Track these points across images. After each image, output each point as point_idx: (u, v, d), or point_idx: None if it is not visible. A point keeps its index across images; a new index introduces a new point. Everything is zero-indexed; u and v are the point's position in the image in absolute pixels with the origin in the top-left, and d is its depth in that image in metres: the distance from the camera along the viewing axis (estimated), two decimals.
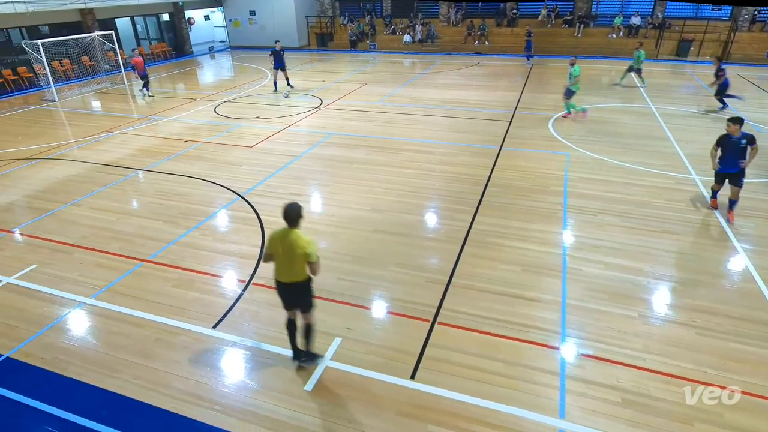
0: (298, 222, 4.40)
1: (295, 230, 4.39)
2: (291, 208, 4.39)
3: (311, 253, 4.31)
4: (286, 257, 4.40)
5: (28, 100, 16.85)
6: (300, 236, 4.36)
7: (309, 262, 4.36)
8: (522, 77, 18.69)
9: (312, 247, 4.33)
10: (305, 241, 4.33)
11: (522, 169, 9.71)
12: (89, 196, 8.89)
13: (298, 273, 4.45)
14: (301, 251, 4.31)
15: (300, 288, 4.55)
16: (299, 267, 4.41)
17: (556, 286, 6.04)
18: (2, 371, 4.88)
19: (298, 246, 4.31)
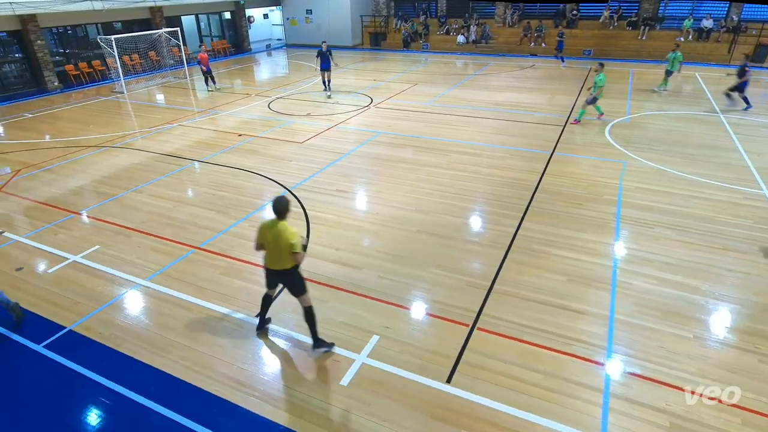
0: (285, 214, 4.70)
1: (282, 222, 4.69)
2: (279, 201, 4.69)
3: (294, 244, 4.62)
4: (273, 247, 4.72)
5: (100, 92, 18.04)
6: (286, 228, 4.66)
7: (293, 252, 4.66)
8: (578, 81, 18.04)
9: (296, 239, 4.64)
10: (290, 233, 4.63)
11: (574, 175, 9.38)
12: (149, 183, 9.41)
13: (285, 262, 4.76)
14: (286, 242, 4.62)
15: (287, 275, 4.87)
16: (285, 256, 4.72)
17: (605, 300, 5.80)
18: (65, 343, 5.27)
19: (284, 237, 4.62)
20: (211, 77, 17.35)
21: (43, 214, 8.22)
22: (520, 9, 26.11)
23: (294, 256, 4.72)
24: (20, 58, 18.29)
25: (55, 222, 7.93)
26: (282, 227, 4.66)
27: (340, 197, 8.67)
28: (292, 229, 4.69)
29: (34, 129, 13.42)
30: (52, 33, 19.26)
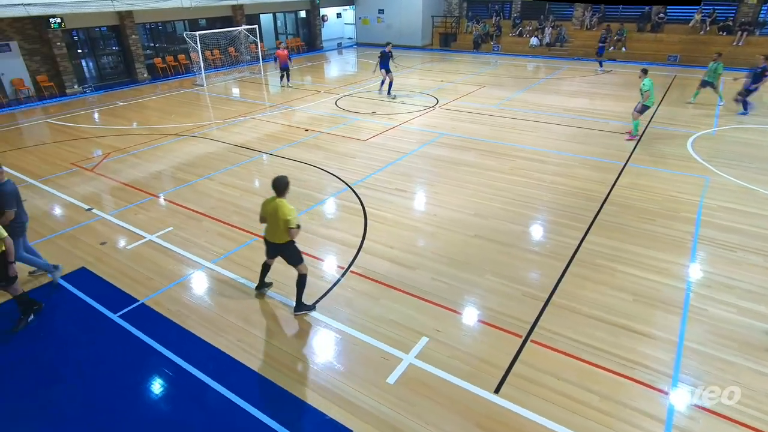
0: (283, 192, 5.14)
1: (281, 199, 5.12)
2: (279, 179, 5.14)
3: (290, 220, 5.03)
4: (272, 221, 5.19)
5: (183, 84, 19.31)
6: (283, 204, 5.08)
7: (289, 228, 5.07)
8: (661, 88, 16.89)
9: (292, 215, 5.04)
10: (287, 210, 5.04)
11: (648, 189, 8.80)
12: (220, 172, 9.95)
13: (281, 235, 5.20)
14: (283, 218, 5.05)
15: (284, 248, 5.33)
16: (281, 230, 5.15)
17: (674, 324, 5.39)
18: (137, 315, 5.70)
19: (281, 213, 5.05)
20: (287, 74, 18.01)
21: (126, 195, 8.94)
22: (601, 11, 24.83)
23: (289, 231, 5.12)
24: (117, 51, 20.00)
25: (136, 203, 8.60)
26: (280, 203, 5.09)
27: (398, 196, 8.70)
28: (289, 206, 5.09)
29: (124, 116, 14.63)
30: (144, 28, 20.88)
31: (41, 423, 4.38)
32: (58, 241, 7.33)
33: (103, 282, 6.31)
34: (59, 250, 7.09)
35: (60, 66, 17.32)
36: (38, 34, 16.85)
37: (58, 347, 5.30)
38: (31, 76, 17.01)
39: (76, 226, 7.80)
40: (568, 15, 25.95)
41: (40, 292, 6.13)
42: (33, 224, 7.84)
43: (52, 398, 4.64)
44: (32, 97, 16.88)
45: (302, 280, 5.51)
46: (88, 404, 4.56)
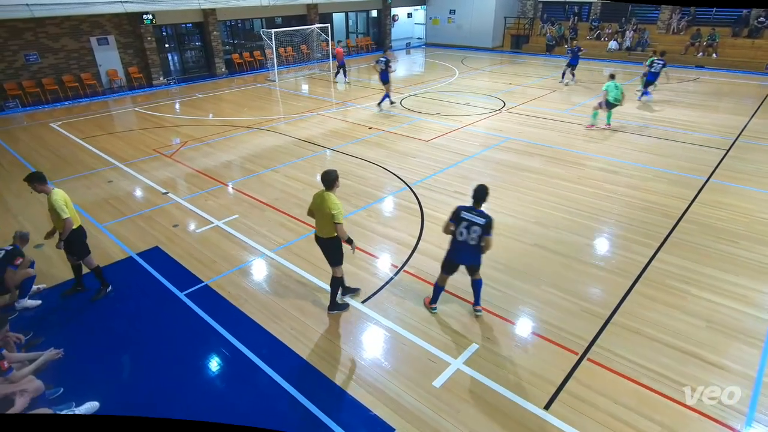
0: (331, 186, 5.12)
1: (328, 192, 5.12)
2: (327, 173, 5.16)
3: (335, 214, 5.01)
4: (318, 215, 5.23)
5: (256, 79, 20.21)
6: (329, 198, 5.07)
7: (335, 223, 5.04)
8: (755, 100, 15.43)
9: (337, 209, 5.02)
10: (332, 203, 5.03)
11: (732, 208, 8.08)
12: (285, 165, 10.32)
13: (326, 230, 5.20)
14: (328, 211, 5.05)
15: (327, 243, 5.31)
16: (327, 224, 5.15)
17: (752, 357, 4.92)
18: (201, 295, 6.05)
19: (327, 206, 5.05)
20: (344, 71, 18.65)
21: (199, 182, 9.51)
22: (691, 14, 23.05)
23: (335, 227, 5.10)
24: (199, 46, 21.29)
25: (207, 189, 9.12)
26: (327, 197, 5.10)
27: (457, 199, 8.58)
28: (336, 200, 5.08)
29: (201, 108, 15.56)
30: (225, 25, 22.06)
31: (108, 385, 4.77)
32: (137, 221, 7.93)
33: (173, 261, 6.76)
34: (137, 228, 7.68)
35: (149, 59, 18.72)
36: (132, 29, 18.31)
37: (129, 318, 5.74)
38: (123, 68, 18.53)
39: (153, 207, 8.41)
40: (653, 18, 24.33)
41: (114, 269, 6.67)
42: (117, 204, 8.55)
43: (119, 363, 5.04)
44: (123, 87, 18.39)
45: (336, 282, 5.53)
46: (150, 372, 4.90)
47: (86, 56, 17.47)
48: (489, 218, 5.01)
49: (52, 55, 16.64)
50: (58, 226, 5.56)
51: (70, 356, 4.85)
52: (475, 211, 5.06)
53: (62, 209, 5.44)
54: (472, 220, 5.02)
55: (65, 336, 5.39)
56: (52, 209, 5.46)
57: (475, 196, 5.08)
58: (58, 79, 16.82)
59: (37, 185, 5.47)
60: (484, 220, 4.98)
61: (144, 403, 4.55)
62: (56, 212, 5.44)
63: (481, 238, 5.02)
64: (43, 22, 15.97)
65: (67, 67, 17.09)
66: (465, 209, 5.11)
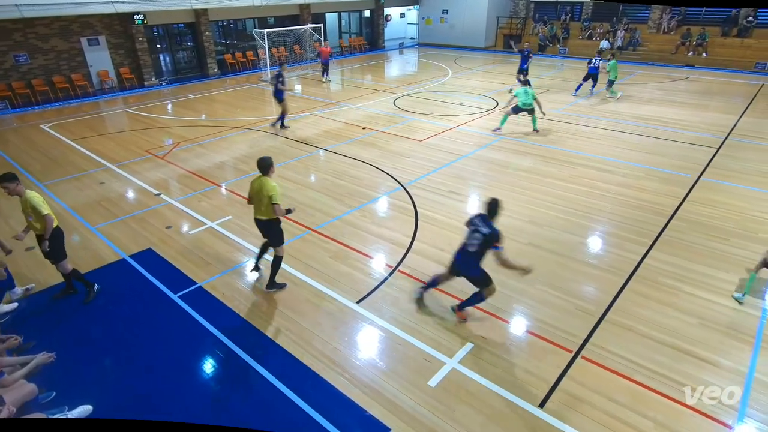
0: (266, 171, 5.61)
1: (265, 177, 5.60)
2: (263, 159, 5.65)
3: (273, 196, 5.48)
4: (257, 199, 5.65)
5: (249, 79, 20.13)
6: (267, 182, 5.56)
7: (273, 204, 5.49)
8: (745, 98, 15.60)
9: (274, 191, 5.49)
10: (270, 187, 5.51)
11: (723, 206, 8.16)
12: (279, 165, 10.24)
13: (265, 212, 5.63)
14: (266, 194, 5.51)
15: (267, 225, 5.75)
16: (266, 207, 5.59)
17: (743, 354, 4.97)
18: (195, 297, 6.02)
19: (264, 190, 5.52)
20: (326, 70, 18.85)
21: (192, 183, 9.46)
22: (681, 14, 23.25)
23: (273, 208, 5.53)
24: (191, 46, 21.17)
25: (200, 190, 9.07)
26: (264, 182, 5.58)
27: (451, 198, 8.61)
28: (272, 184, 5.55)
29: (194, 108, 15.47)
30: (217, 26, 21.96)
31: (101, 388, 4.73)
32: (129, 222, 7.88)
33: (166, 263, 6.72)
34: (129, 230, 7.62)
35: (140, 60, 18.59)
36: (123, 29, 18.18)
37: (122, 320, 5.69)
38: (115, 69, 18.39)
39: (146, 209, 8.35)
40: (644, 17, 24.52)
41: (107, 271, 6.62)
42: (109, 205, 8.48)
43: (112, 366, 5.00)
44: (115, 87, 18.25)
45: (277, 262, 5.97)
46: (143, 374, 4.87)
47: (77, 57, 17.32)
48: (494, 230, 4.93)
49: (42, 55, 16.48)
50: (39, 226, 5.42)
51: (62, 359, 4.80)
52: (484, 221, 5.04)
53: (41, 205, 5.35)
54: (478, 227, 5.04)
55: (57, 339, 5.33)
56: (31, 208, 5.36)
57: (486, 208, 5.09)
58: (48, 80, 16.66)
59: (9, 186, 5.30)
60: (488, 230, 4.94)
61: (138, 406, 4.52)
62: (36, 210, 5.34)
63: (483, 248, 4.97)
64: (32, 23, 15.81)
65: (58, 67, 16.93)
66: (477, 216, 5.16)
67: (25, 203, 5.39)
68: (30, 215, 5.45)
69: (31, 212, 5.42)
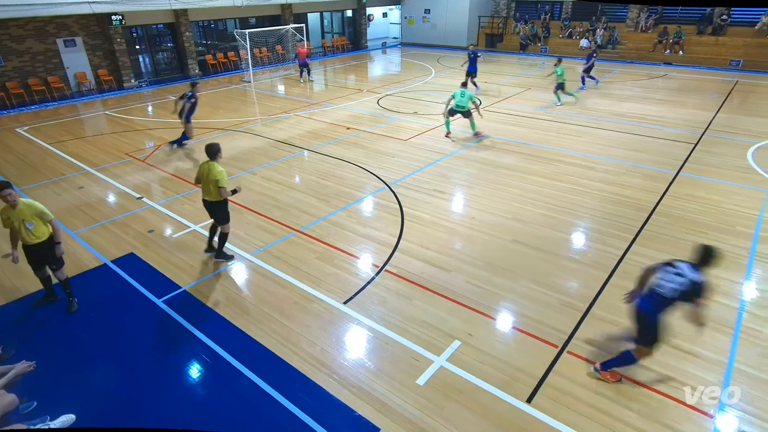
0: (214, 156, 6.09)
1: (212, 162, 6.07)
2: (210, 145, 6.11)
3: (219, 179, 5.97)
4: (205, 181, 6.15)
5: (231, 80, 19.93)
6: (214, 167, 6.03)
7: (219, 187, 6.00)
8: (720, 95, 15.97)
9: (221, 176, 5.97)
10: (217, 171, 5.99)
11: (702, 200, 8.35)
12: (263, 167, 10.20)
13: (213, 194, 6.16)
14: (213, 178, 5.99)
15: (214, 205, 6.29)
16: (213, 190, 6.10)
17: (723, 344, 5.09)
18: (179, 301, 5.94)
19: (212, 174, 6.00)
20: (308, 70, 18.74)
21: (174, 185, 9.33)
22: (658, 12, 23.71)
23: (219, 191, 6.03)
24: (171, 47, 20.88)
25: (183, 193, 8.95)
26: (211, 166, 6.04)
27: (436, 197, 8.65)
28: (219, 168, 6.02)
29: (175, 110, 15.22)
30: (198, 26, 21.69)
31: (84, 396, 4.63)
32: (110, 227, 7.73)
33: (149, 268, 6.61)
34: (111, 235, 7.48)
35: (119, 61, 18.26)
36: (101, 30, 17.83)
37: (104, 327, 5.59)
38: (92, 70, 18.03)
39: (128, 213, 8.21)
40: (622, 16, 24.95)
41: (88, 277, 6.49)
42: (89, 210, 8.32)
43: (95, 373, 4.91)
44: (93, 90, 17.90)
45: (222, 238, 6.53)
46: (128, 381, 4.79)
47: (53, 59, 16.94)
48: (703, 281, 4.05)
49: (17, 57, 16.09)
50: (39, 233, 5.30)
51: (43, 368, 4.69)
52: (692, 267, 4.17)
53: (46, 210, 5.30)
54: (681, 271, 4.15)
55: (37, 348, 5.21)
56: (38, 215, 5.24)
57: (698, 254, 4.24)
58: (23, 83, 16.27)
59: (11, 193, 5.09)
60: (698, 278, 4.06)
61: (122, 414, 4.44)
62: (44, 215, 5.27)
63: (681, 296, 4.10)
64: (6, 24, 15.42)
65: (33, 70, 16.54)
66: (679, 261, 4.30)
67: (24, 211, 5.19)
68: (30, 222, 5.23)
69: (34, 219, 5.24)
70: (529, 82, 18.49)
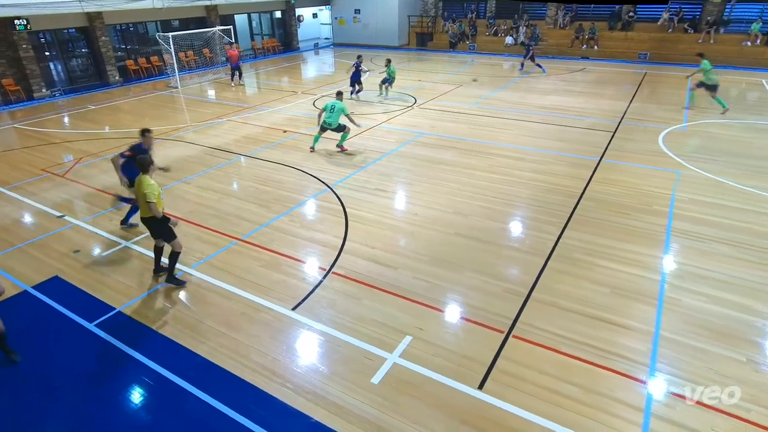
0: (146, 169, 5.64)
1: (144, 176, 5.63)
2: (142, 158, 5.72)
3: (147, 194, 5.51)
4: (139, 197, 5.73)
5: (156, 86, 18.92)
6: (144, 180, 5.58)
7: (147, 202, 5.54)
8: (632, 86, 17.32)
9: (149, 190, 5.51)
10: (145, 185, 5.54)
11: (623, 184, 9.01)
12: (198, 175, 9.78)
13: (144, 210, 5.72)
14: (141, 192, 5.56)
15: (151, 222, 5.80)
16: (144, 205, 5.66)
17: (650, 315, 5.54)
18: (114, 323, 5.56)
19: (141, 188, 5.58)
20: (239, 73, 18.31)
21: (100, 201, 8.72)
22: (573, 10, 25.30)
23: (148, 206, 5.57)
24: (86, 53, 19.46)
25: (111, 208, 8.39)
26: (142, 179, 5.60)
27: (378, 196, 8.71)
28: (149, 182, 5.56)
29: (95, 120, 14.25)
30: (115, 30, 20.37)
31: None
32: (28, 250, 7.10)
33: (77, 291, 6.14)
34: (30, 259, 6.87)
35: (27, 69, 16.77)
36: (3, 36, 16.28)
37: (32, 360, 5.12)
38: None
39: (48, 233, 7.57)
40: (542, 14, 26.37)
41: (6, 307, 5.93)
42: (2, 233, 7.59)
43: (28, 412, 4.49)
44: None
45: (174, 257, 6.00)
46: (66, 416, 4.43)
47: None
48: None
49: None
50: None
51: None
52: None
53: None
54: None
55: None
56: None
57: None
58: None
59: None
60: None
61: None
62: None
63: None
64: None
65: None
66: None
67: None
68: None
69: None
70: (460, 79, 19.06)
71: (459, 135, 12.04)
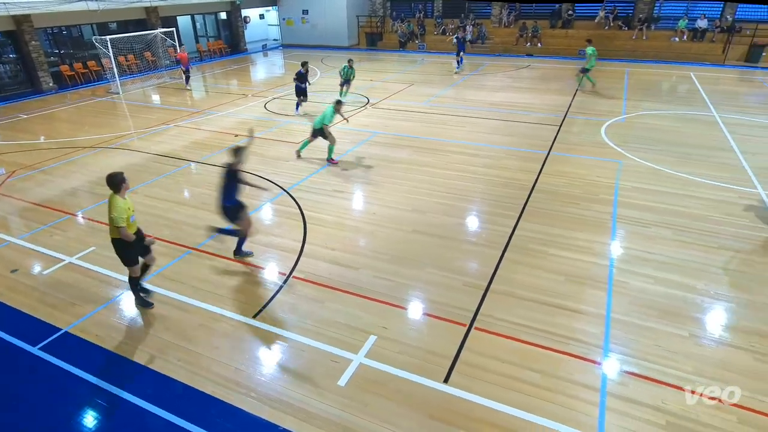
0: (117, 188, 5.14)
1: (114, 195, 5.14)
2: (110, 175, 5.17)
3: (112, 218, 5.06)
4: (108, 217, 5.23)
5: (96, 92, 17.96)
6: (112, 201, 5.11)
7: (116, 227, 5.11)
8: (574, 81, 18.10)
9: (115, 212, 5.05)
10: (111, 206, 5.09)
11: (570, 175, 9.41)
12: (145, 184, 9.37)
13: (111, 231, 5.26)
14: (109, 215, 5.12)
15: (114, 244, 5.37)
16: (111, 227, 5.20)
17: (601, 299, 5.82)
18: (61, 345, 5.23)
19: (109, 210, 5.11)
20: (187, 77, 17.84)
21: (38, 216, 8.18)
22: (517, 9, 26.16)
23: (118, 230, 5.13)
24: (14, 58, 18.16)
25: (51, 223, 7.89)
26: (110, 200, 5.13)
27: (336, 197, 8.66)
28: (117, 203, 5.08)
29: (28, 130, 13.35)
30: (46, 33, 19.14)
31: None
32: None
33: (17, 313, 5.74)
34: None
35: None
36: None
37: None
38: None
39: None
40: (487, 13, 27.08)
41: None
42: None
43: None
44: None
45: (130, 283, 5.69)
46: None
47: None
48: None
49: None
50: None
51: None
52: None
53: None
54: None
55: None
56: None
57: None
58: None
59: None
60: None
61: None
62: None
63: None
64: None
65: None
66: None
67: None
68: None
69: None
70: (411, 78, 19.26)
71: (413, 133, 12.16)
